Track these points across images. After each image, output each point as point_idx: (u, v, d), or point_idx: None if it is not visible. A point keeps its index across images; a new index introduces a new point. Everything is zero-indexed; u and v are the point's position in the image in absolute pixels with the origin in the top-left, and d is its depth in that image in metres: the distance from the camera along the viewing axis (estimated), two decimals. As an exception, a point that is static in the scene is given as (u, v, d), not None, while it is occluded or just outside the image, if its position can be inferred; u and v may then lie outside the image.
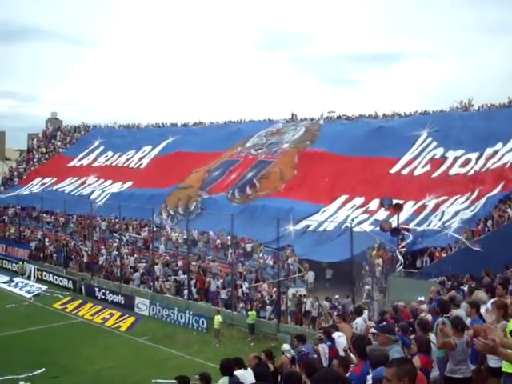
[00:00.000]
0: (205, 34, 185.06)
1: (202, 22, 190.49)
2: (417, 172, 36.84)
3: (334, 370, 7.12)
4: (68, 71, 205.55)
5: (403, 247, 27.02)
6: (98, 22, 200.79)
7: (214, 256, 35.28)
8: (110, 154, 59.49)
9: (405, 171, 37.49)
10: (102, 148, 61.31)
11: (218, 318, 25.68)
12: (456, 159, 35.80)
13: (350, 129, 45.30)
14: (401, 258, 25.80)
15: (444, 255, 26.02)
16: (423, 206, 32.60)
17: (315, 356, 10.54)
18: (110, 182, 53.57)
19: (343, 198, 37.26)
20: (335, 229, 32.83)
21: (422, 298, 15.48)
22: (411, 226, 30.15)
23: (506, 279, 14.56)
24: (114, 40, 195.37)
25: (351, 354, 8.72)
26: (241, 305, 28.65)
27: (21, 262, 39.29)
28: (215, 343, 25.01)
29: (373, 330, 9.92)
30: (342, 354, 9.56)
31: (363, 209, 35.05)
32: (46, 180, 58.45)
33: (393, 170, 38.07)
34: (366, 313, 15.27)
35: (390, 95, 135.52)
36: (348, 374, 7.21)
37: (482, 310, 9.52)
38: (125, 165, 56.43)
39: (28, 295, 33.64)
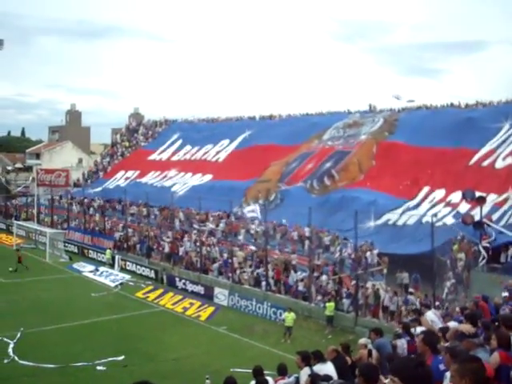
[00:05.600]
0: (282, 26, 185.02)
1: (279, 14, 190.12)
2: (498, 164, 35.45)
3: (413, 358, 7.05)
4: (148, 67, 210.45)
5: (487, 242, 26.10)
6: (172, 18, 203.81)
7: (292, 248, 35.31)
8: (188, 147, 60.73)
9: (485, 163, 36.13)
10: (180, 142, 62.71)
11: (292, 316, 25.01)
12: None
13: (428, 119, 44.13)
14: (484, 252, 24.94)
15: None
16: (506, 200, 31.37)
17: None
18: (190, 174, 54.74)
19: (425, 190, 36.39)
20: (416, 223, 32.16)
21: (506, 294, 14.99)
22: (494, 219, 29.13)
23: None
24: (190, 35, 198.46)
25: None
26: (318, 297, 28.58)
27: (108, 250, 40.77)
28: (285, 340, 24.37)
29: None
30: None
31: (445, 202, 34.11)
32: (129, 173, 60.48)
33: (472, 162, 36.75)
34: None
35: (473, 84, 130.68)
36: None
37: None
38: (203, 158, 57.43)
39: (112, 284, 34.78)
